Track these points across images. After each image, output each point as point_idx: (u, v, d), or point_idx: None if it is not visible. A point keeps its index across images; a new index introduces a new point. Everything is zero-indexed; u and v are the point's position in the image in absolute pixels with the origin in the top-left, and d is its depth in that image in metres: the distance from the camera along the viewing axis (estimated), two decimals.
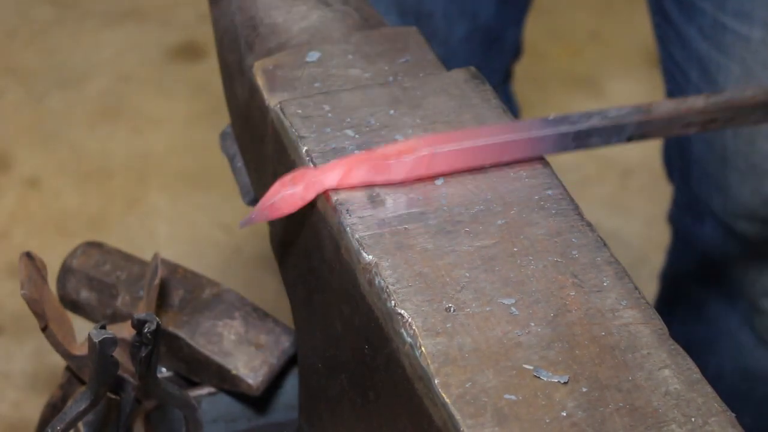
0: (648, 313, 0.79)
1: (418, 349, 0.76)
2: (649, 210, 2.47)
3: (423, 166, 0.87)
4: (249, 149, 1.08)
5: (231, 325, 1.08)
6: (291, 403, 1.14)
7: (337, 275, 0.86)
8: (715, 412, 0.74)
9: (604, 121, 0.90)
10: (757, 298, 1.54)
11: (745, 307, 1.57)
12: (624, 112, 0.91)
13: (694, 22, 1.42)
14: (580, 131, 0.89)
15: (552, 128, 0.89)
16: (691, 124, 0.92)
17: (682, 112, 0.92)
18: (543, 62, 2.92)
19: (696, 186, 1.56)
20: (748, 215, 1.49)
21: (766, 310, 1.55)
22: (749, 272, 1.54)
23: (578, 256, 0.83)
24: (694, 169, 1.54)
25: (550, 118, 0.90)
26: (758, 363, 1.60)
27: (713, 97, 0.92)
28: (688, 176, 1.57)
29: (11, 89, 2.81)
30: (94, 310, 1.14)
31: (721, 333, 1.61)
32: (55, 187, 2.56)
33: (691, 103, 0.92)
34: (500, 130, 0.89)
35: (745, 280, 1.55)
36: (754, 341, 1.59)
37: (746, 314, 1.57)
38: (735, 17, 1.37)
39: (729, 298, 1.59)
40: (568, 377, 0.75)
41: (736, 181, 1.48)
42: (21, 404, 2.14)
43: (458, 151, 0.87)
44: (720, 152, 1.47)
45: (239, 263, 2.37)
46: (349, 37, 1.03)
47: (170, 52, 2.93)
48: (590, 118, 0.90)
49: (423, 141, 0.87)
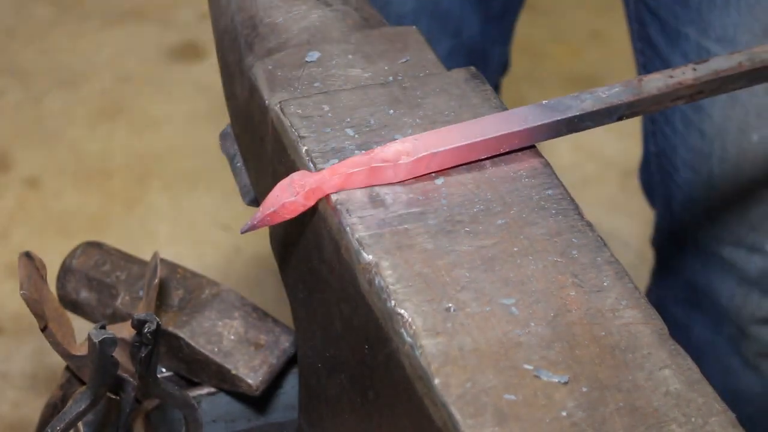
0: (648, 313, 0.79)
1: (418, 349, 0.76)
2: (648, 210, 2.46)
3: (422, 167, 0.87)
4: (249, 149, 1.08)
5: (231, 325, 1.08)
6: (291, 403, 1.14)
7: (337, 275, 0.86)
8: (715, 412, 0.74)
9: (597, 103, 0.91)
10: (745, 324, 1.53)
11: (732, 332, 1.56)
12: (615, 92, 0.92)
13: (678, 48, 1.42)
14: (574, 117, 0.90)
15: (547, 116, 0.90)
16: (679, 98, 0.93)
17: (672, 87, 0.93)
18: (543, 62, 2.92)
19: (680, 212, 1.55)
20: (734, 242, 1.48)
21: (754, 336, 1.54)
22: (735, 298, 1.53)
23: (578, 256, 0.83)
24: (678, 195, 1.53)
25: (544, 104, 0.91)
26: (747, 385, 1.59)
27: (701, 68, 0.93)
28: (672, 202, 1.56)
29: (11, 89, 2.81)
30: (93, 310, 1.14)
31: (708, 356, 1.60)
32: (54, 187, 2.56)
33: (680, 77, 0.93)
34: (497, 124, 0.89)
35: (731, 307, 1.53)
36: (741, 365, 1.57)
37: (733, 339, 1.56)
38: (718, 42, 1.37)
39: (715, 324, 1.58)
40: (568, 377, 0.74)
41: (721, 207, 1.48)
42: (20, 404, 2.14)
43: (456, 149, 0.87)
44: (706, 178, 1.46)
45: (239, 263, 2.37)
46: (349, 37, 1.03)
47: (170, 52, 2.93)
48: (583, 101, 0.91)
49: (421, 141, 0.87)
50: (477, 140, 0.88)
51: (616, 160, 2.63)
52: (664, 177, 1.55)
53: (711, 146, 1.43)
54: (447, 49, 1.60)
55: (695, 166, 1.47)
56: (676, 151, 1.48)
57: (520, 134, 0.89)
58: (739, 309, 1.53)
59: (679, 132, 1.46)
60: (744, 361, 1.56)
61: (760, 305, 1.51)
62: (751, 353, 1.55)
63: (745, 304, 1.52)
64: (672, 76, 0.93)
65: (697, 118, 1.42)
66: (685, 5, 1.39)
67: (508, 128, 0.89)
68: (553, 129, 0.90)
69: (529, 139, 0.90)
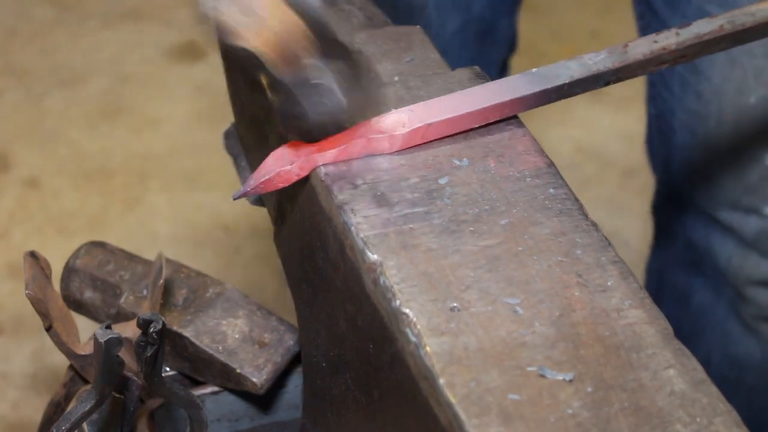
0: (653, 312, 0.79)
1: (423, 349, 0.76)
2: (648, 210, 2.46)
3: (418, 137, 0.90)
4: (253, 148, 1.08)
5: (235, 323, 1.08)
6: (295, 402, 1.14)
7: (342, 274, 0.86)
8: (720, 412, 0.74)
9: (584, 70, 0.94)
10: (742, 286, 1.53)
11: (730, 295, 1.56)
12: (601, 58, 0.95)
13: (678, 11, 1.42)
14: (563, 85, 0.94)
15: (537, 86, 0.93)
16: (663, 62, 0.96)
17: (656, 52, 0.95)
18: (543, 62, 2.91)
19: (678, 175, 1.55)
20: (731, 204, 1.48)
21: (751, 297, 1.54)
22: (733, 261, 1.53)
23: (583, 256, 0.83)
24: (676, 157, 1.54)
25: (534, 71, 0.95)
26: (746, 351, 1.59)
27: (683, 32, 0.96)
28: (671, 165, 1.56)
29: (11, 89, 2.81)
30: (97, 309, 1.14)
31: (708, 322, 1.60)
32: (55, 187, 2.56)
33: (664, 42, 0.96)
34: (487, 94, 0.93)
35: (729, 268, 1.54)
36: (740, 329, 1.58)
37: (732, 302, 1.57)
38: (721, 6, 1.36)
39: (714, 287, 1.58)
40: (573, 376, 0.75)
41: (718, 169, 1.48)
42: (21, 404, 2.14)
43: (450, 119, 0.90)
44: (703, 139, 1.46)
45: (239, 263, 2.37)
46: (354, 37, 1.03)
47: (170, 52, 2.93)
48: (570, 69, 0.94)
49: (416, 112, 0.90)
50: (470, 110, 0.91)
51: (616, 160, 2.63)
52: (663, 140, 1.55)
53: (708, 108, 1.43)
54: (457, 25, 1.60)
55: (693, 128, 1.47)
56: (674, 113, 1.48)
57: (511, 103, 0.93)
58: (737, 271, 1.53)
59: (677, 94, 1.46)
60: (743, 325, 1.57)
61: (758, 267, 1.51)
62: (750, 316, 1.55)
63: (743, 265, 1.52)
64: (656, 41, 0.96)
65: (695, 80, 1.42)
66: None
67: (499, 98, 0.92)
68: (542, 97, 0.94)
69: (520, 107, 0.93)
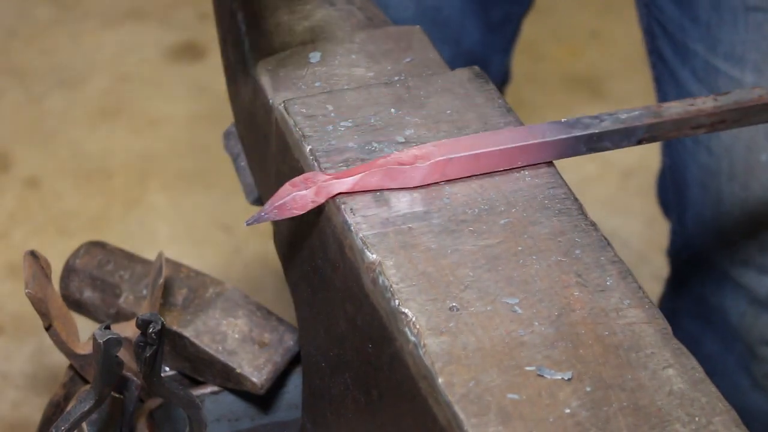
0: (652, 312, 0.79)
1: (422, 348, 0.76)
2: (649, 210, 2.47)
3: (438, 173, 0.87)
4: (253, 148, 1.08)
5: (235, 323, 1.08)
6: (294, 402, 1.14)
7: (341, 274, 0.86)
8: (719, 412, 0.74)
9: (616, 124, 0.90)
10: (753, 344, 1.52)
11: (741, 350, 1.54)
12: (635, 115, 0.91)
13: (687, 64, 1.42)
14: (593, 135, 0.89)
15: (565, 133, 0.89)
16: (700, 125, 0.92)
17: (692, 113, 0.92)
18: (543, 62, 2.92)
19: (692, 229, 1.54)
20: (744, 261, 1.48)
21: (763, 356, 1.53)
22: (745, 319, 1.52)
23: (582, 256, 0.83)
24: (690, 211, 1.53)
25: (563, 121, 0.90)
26: (754, 404, 1.58)
27: (721, 98, 0.93)
28: (684, 217, 1.56)
29: (11, 89, 2.81)
30: (97, 309, 1.14)
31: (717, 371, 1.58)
32: (54, 187, 2.56)
33: (700, 105, 0.92)
34: (514, 136, 0.89)
35: (741, 326, 1.52)
36: (750, 384, 1.56)
37: (743, 358, 1.55)
38: (726, 60, 1.37)
39: (725, 341, 1.56)
40: (572, 375, 0.75)
41: (730, 226, 1.47)
42: (20, 404, 2.14)
43: (472, 157, 0.87)
44: (715, 197, 1.46)
45: (239, 263, 2.37)
46: (353, 37, 1.03)
47: (170, 52, 2.93)
48: (602, 121, 0.90)
49: (437, 147, 0.87)
50: (493, 149, 0.87)
51: (616, 160, 2.64)
52: (676, 192, 1.55)
53: (719, 164, 1.43)
54: (447, 58, 1.60)
55: (705, 184, 1.46)
56: (687, 166, 1.48)
57: (537, 147, 0.88)
58: (749, 329, 1.52)
59: (689, 148, 1.46)
60: (753, 381, 1.55)
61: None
62: (760, 374, 1.54)
63: (755, 324, 1.51)
64: (692, 104, 0.93)
65: (706, 135, 1.42)
66: (695, 21, 1.39)
67: (524, 140, 0.88)
68: (571, 145, 0.89)
69: (547, 154, 0.89)
